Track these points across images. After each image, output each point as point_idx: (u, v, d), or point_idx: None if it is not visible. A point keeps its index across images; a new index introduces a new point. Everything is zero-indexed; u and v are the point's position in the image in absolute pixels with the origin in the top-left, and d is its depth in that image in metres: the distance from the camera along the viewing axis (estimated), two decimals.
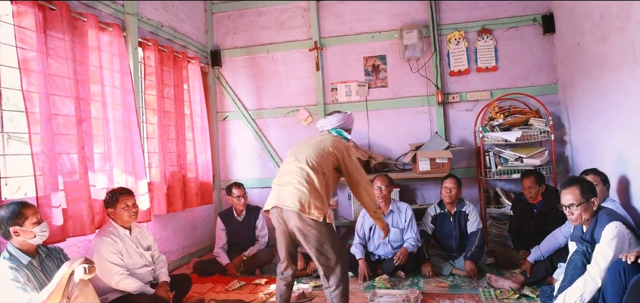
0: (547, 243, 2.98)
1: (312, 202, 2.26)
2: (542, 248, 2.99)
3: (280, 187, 2.38)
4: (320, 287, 3.28)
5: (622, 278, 2.00)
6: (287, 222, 2.34)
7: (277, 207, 2.37)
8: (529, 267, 3.00)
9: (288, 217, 2.31)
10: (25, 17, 2.51)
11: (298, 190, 2.28)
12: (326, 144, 2.46)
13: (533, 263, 3.00)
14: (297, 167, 2.37)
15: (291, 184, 2.32)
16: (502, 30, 4.40)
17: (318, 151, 2.41)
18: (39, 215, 2.16)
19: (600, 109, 3.34)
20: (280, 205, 2.33)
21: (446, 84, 4.51)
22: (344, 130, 2.65)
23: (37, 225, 2.12)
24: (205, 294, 3.23)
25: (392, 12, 4.60)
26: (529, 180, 3.38)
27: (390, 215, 3.52)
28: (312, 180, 2.31)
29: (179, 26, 4.37)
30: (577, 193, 2.28)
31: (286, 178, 2.38)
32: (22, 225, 2.08)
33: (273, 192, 2.44)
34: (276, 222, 2.43)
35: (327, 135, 2.59)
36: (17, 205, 2.10)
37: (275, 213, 2.41)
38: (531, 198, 3.40)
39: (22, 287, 2.00)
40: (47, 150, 2.57)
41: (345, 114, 2.67)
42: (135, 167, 3.30)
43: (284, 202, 2.30)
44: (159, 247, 3.24)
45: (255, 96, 4.93)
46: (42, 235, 2.15)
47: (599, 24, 3.19)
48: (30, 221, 2.10)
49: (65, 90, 2.75)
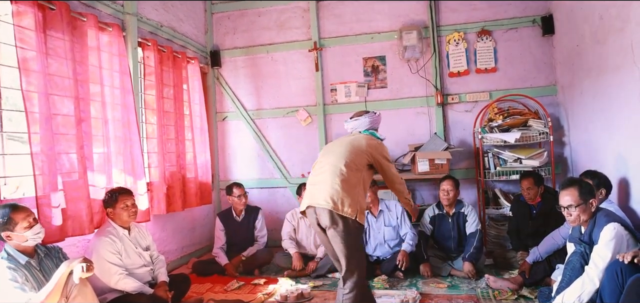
0: (545, 244, 2.99)
1: (345, 199, 2.23)
2: (541, 249, 2.99)
3: (313, 186, 2.36)
4: (319, 287, 3.30)
5: (620, 279, 2.01)
6: (320, 220, 2.30)
7: (311, 207, 2.33)
8: (528, 267, 3.00)
9: (320, 215, 2.28)
10: (24, 17, 2.52)
11: (331, 188, 2.25)
12: (361, 142, 2.46)
13: (532, 264, 3.00)
14: (330, 165, 2.36)
15: (324, 182, 2.30)
16: (501, 32, 4.41)
17: (352, 148, 2.41)
18: (31, 219, 2.11)
19: (599, 110, 3.35)
20: (314, 204, 2.29)
21: (445, 85, 4.51)
22: (375, 130, 2.67)
23: (29, 229, 2.09)
24: (204, 294, 3.23)
25: (391, 13, 4.61)
26: (528, 181, 3.38)
27: (381, 215, 3.55)
28: (346, 177, 2.29)
29: (179, 26, 4.37)
30: (576, 194, 2.29)
31: (319, 177, 2.36)
32: (13, 230, 2.06)
33: (307, 192, 2.41)
34: (314, 224, 2.38)
35: (359, 134, 2.59)
36: (7, 210, 2.06)
37: (311, 214, 2.36)
38: (530, 199, 3.40)
39: (21, 287, 2.00)
40: (47, 149, 2.57)
41: (373, 113, 2.67)
42: (134, 167, 3.30)
43: (317, 200, 2.27)
44: (157, 247, 3.24)
45: (254, 96, 4.94)
46: (35, 238, 2.12)
47: (599, 25, 3.19)
48: (20, 226, 2.07)
49: (65, 90, 2.75)
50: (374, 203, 3.55)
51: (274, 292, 3.25)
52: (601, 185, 2.72)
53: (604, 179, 2.76)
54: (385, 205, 3.58)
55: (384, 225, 3.55)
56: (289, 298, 3.02)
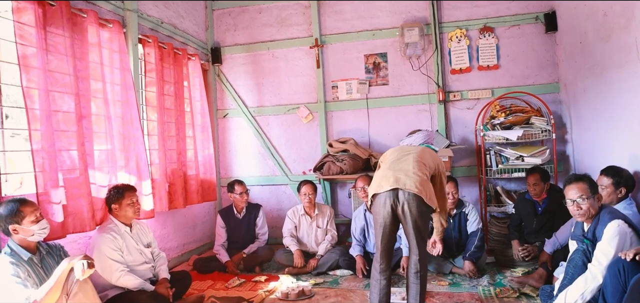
0: (563, 232, 2.96)
1: (429, 192, 2.40)
2: (560, 237, 2.97)
3: (397, 172, 2.42)
4: (320, 284, 3.30)
5: (622, 276, 2.00)
6: (404, 204, 2.35)
7: (395, 190, 2.37)
8: (548, 258, 2.98)
9: (408, 199, 2.34)
10: (24, 13, 2.51)
11: (419, 178, 2.38)
12: (432, 154, 2.67)
13: (551, 254, 2.98)
14: (414, 161, 2.48)
15: (412, 172, 2.41)
16: (504, 29, 4.38)
17: (424, 157, 2.57)
18: (37, 213, 2.15)
19: (602, 107, 3.33)
20: (402, 187, 2.35)
21: (447, 82, 4.49)
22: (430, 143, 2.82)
23: (36, 223, 2.12)
24: (205, 291, 3.23)
25: (393, 10, 4.58)
26: (534, 177, 3.36)
27: None
28: (426, 178, 2.46)
29: (179, 23, 4.35)
30: (585, 187, 2.31)
31: (404, 166, 2.45)
32: (21, 223, 2.08)
33: (388, 177, 2.42)
34: (384, 207, 2.40)
35: (420, 146, 2.77)
36: (16, 203, 2.10)
37: (388, 197, 2.38)
38: (536, 195, 3.38)
39: (23, 283, 2.01)
40: (47, 146, 2.56)
41: (428, 131, 2.84)
42: (139, 165, 3.29)
43: (408, 185, 2.35)
44: (159, 244, 3.24)
45: (255, 93, 4.92)
46: (41, 233, 2.15)
47: (602, 22, 3.17)
48: (28, 219, 2.10)
49: (65, 86, 2.74)
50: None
51: (275, 289, 3.25)
52: (622, 183, 2.63)
53: (627, 177, 2.66)
54: None
55: None
56: (290, 295, 3.01)
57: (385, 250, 2.47)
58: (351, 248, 3.59)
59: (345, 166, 4.14)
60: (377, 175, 2.53)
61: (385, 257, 2.47)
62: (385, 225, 2.42)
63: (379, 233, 2.45)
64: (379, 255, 2.46)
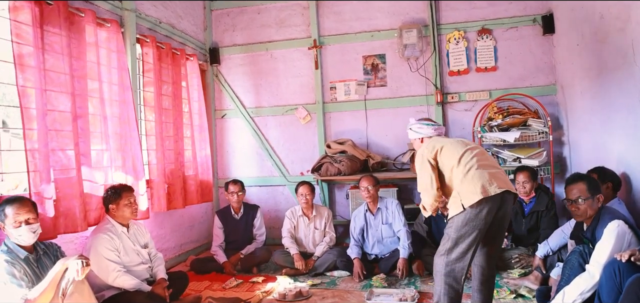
0: (555, 237, 2.97)
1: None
2: (551, 242, 2.97)
3: (497, 171, 2.17)
4: (317, 285, 3.29)
5: (617, 277, 2.00)
6: (506, 207, 2.16)
7: (503, 193, 2.08)
8: (541, 262, 2.97)
9: (509, 200, 2.16)
10: (21, 12, 2.49)
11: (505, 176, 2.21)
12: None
13: (543, 258, 2.98)
14: (490, 156, 2.33)
15: (500, 170, 2.22)
16: (501, 30, 4.40)
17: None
18: (22, 219, 2.08)
19: (599, 109, 3.34)
20: (509, 188, 2.13)
21: (445, 84, 4.50)
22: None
23: (18, 227, 2.07)
24: (202, 292, 3.21)
25: (391, 11, 4.59)
26: (523, 174, 3.34)
27: (379, 213, 3.56)
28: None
29: (178, 23, 4.35)
30: (584, 188, 2.31)
31: (491, 162, 2.24)
32: (4, 225, 2.08)
33: (490, 177, 2.10)
34: (489, 214, 2.08)
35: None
36: (2, 205, 2.08)
37: (498, 200, 2.08)
38: (525, 194, 3.36)
39: (17, 283, 2.00)
40: (42, 146, 2.54)
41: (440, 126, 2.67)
42: (135, 165, 3.27)
43: (510, 186, 2.16)
44: (156, 244, 3.22)
45: (253, 94, 4.92)
46: (22, 238, 2.09)
47: (599, 24, 3.18)
48: (9, 221, 2.06)
49: (61, 86, 2.72)
50: (373, 201, 3.53)
51: (272, 290, 3.25)
52: (607, 179, 2.69)
53: (611, 174, 2.73)
54: (384, 204, 3.57)
55: (381, 223, 3.55)
56: (288, 296, 3.01)
57: (481, 249, 2.24)
58: (349, 249, 3.58)
59: (343, 167, 4.13)
60: (474, 177, 2.10)
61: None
62: (481, 233, 2.10)
63: (473, 245, 2.12)
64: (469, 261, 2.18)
